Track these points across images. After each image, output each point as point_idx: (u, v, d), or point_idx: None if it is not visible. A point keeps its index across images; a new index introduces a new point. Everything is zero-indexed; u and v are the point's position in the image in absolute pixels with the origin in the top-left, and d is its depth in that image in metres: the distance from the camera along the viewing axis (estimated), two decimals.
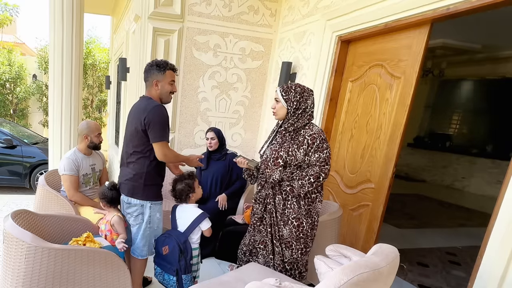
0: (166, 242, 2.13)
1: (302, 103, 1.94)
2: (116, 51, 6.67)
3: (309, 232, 2.02)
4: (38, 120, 10.04)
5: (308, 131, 1.93)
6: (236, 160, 2.19)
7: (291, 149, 1.94)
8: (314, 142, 1.89)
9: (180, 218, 2.20)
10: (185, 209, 2.21)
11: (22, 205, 4.56)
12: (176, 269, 2.05)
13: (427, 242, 4.18)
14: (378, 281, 1.34)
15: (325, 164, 1.89)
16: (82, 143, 2.77)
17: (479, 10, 1.95)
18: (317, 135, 1.90)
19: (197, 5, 3.47)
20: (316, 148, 1.89)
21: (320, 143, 1.89)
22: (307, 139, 1.90)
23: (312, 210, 2.00)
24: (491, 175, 6.56)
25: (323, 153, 1.89)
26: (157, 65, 2.06)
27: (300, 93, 1.94)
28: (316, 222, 2.04)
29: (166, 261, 2.11)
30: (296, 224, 1.98)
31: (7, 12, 12.19)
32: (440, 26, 2.60)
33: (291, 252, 2.04)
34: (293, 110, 1.93)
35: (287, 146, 1.95)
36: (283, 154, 1.95)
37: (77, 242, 2.04)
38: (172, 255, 2.07)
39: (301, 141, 1.92)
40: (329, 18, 2.94)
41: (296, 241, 2.01)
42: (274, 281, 1.39)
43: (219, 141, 3.08)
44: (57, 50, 3.75)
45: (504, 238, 1.68)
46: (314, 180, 1.88)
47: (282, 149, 1.96)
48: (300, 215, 1.97)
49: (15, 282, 1.68)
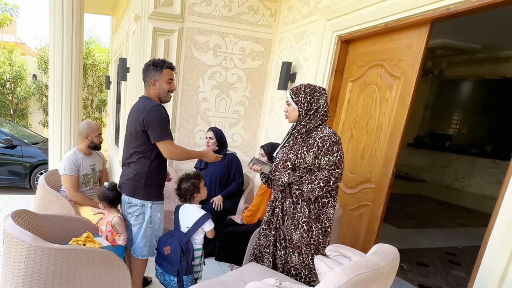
0: (168, 242, 2.12)
1: (314, 103, 1.88)
2: (116, 51, 6.67)
3: (320, 239, 1.94)
4: (38, 120, 10.04)
5: (319, 133, 1.87)
6: (249, 166, 2.08)
7: (300, 152, 1.89)
8: (324, 145, 1.83)
9: (183, 218, 2.20)
10: (188, 209, 2.21)
11: (22, 205, 4.56)
12: (177, 270, 2.05)
13: (427, 242, 4.18)
14: (378, 281, 1.34)
15: (335, 167, 1.82)
16: (83, 143, 2.77)
17: (479, 10, 1.95)
18: (327, 137, 1.83)
19: (197, 5, 3.47)
20: (326, 151, 1.83)
21: (330, 146, 1.82)
22: (318, 141, 1.84)
23: (322, 215, 1.93)
24: (491, 175, 6.57)
25: (333, 156, 1.82)
26: (153, 64, 2.06)
27: (311, 94, 1.88)
28: (328, 229, 1.96)
29: (168, 262, 2.10)
30: (306, 228, 1.93)
31: (7, 12, 12.18)
32: (440, 26, 2.60)
33: (302, 258, 1.97)
34: (305, 112, 1.89)
35: (297, 149, 1.91)
36: (292, 157, 1.90)
37: (77, 242, 2.05)
38: (174, 255, 2.06)
39: (311, 144, 1.87)
40: (329, 18, 2.94)
41: (306, 246, 1.95)
42: (274, 281, 1.39)
43: (218, 141, 3.07)
44: (57, 50, 3.75)
45: (504, 238, 1.68)
46: (324, 184, 1.82)
47: (291, 152, 1.92)
48: (310, 219, 1.92)
49: (15, 282, 1.68)
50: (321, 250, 1.97)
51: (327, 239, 1.97)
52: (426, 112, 8.11)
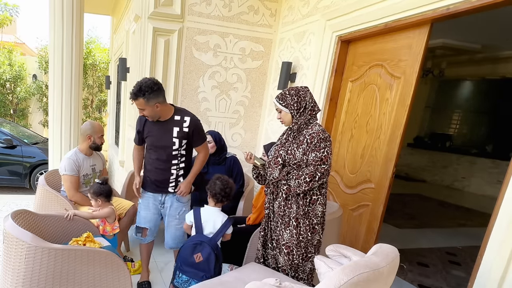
0: (197, 249, 2.06)
1: (302, 101, 1.94)
2: (116, 51, 6.67)
3: (309, 236, 1.97)
4: (38, 120, 10.04)
5: (309, 130, 1.93)
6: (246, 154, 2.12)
7: (290, 148, 1.95)
8: (312, 141, 1.88)
9: (207, 222, 2.14)
10: (211, 212, 2.16)
11: (22, 205, 4.56)
12: (210, 276, 2.00)
13: (427, 242, 4.18)
14: (378, 281, 1.34)
15: (321, 163, 1.86)
16: (84, 143, 2.77)
17: (479, 10, 1.95)
18: (316, 134, 1.89)
19: (197, 5, 3.47)
20: (313, 147, 1.88)
21: (318, 142, 1.87)
22: (307, 138, 1.90)
23: (311, 212, 1.96)
24: (491, 175, 6.57)
25: (320, 152, 1.86)
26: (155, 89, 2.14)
27: (296, 94, 1.95)
28: (316, 226, 1.98)
29: (198, 269, 2.05)
30: (295, 224, 1.96)
31: (7, 12, 12.17)
32: (440, 26, 2.60)
33: (291, 257, 1.99)
34: (296, 111, 1.95)
35: (288, 146, 1.97)
36: (282, 153, 1.97)
37: (77, 242, 2.05)
38: (208, 262, 2.02)
39: (301, 141, 1.93)
40: (329, 18, 2.94)
41: (296, 246, 1.97)
42: (274, 281, 1.39)
43: (217, 145, 3.06)
44: (57, 50, 3.75)
45: (504, 238, 1.68)
46: (310, 179, 1.87)
47: (282, 149, 1.98)
48: (298, 215, 1.95)
49: (15, 282, 1.68)
50: (310, 248, 1.99)
51: (315, 236, 1.99)
52: (426, 112, 8.11)
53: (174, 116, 2.23)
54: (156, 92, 2.09)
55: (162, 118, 2.22)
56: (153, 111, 2.14)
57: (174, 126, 2.22)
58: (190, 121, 2.23)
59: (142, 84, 2.07)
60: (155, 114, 2.17)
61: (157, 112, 2.15)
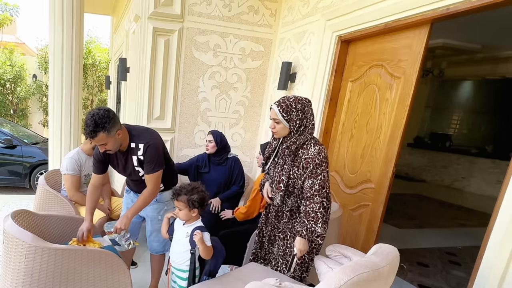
0: None
1: (304, 119, 1.79)
2: (116, 51, 6.67)
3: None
4: (38, 120, 10.05)
5: (305, 152, 1.80)
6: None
7: (292, 172, 1.86)
8: (308, 167, 1.77)
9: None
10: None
11: (22, 205, 4.56)
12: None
13: (427, 242, 4.18)
14: (378, 281, 1.34)
15: (321, 188, 1.76)
16: (88, 144, 2.77)
17: (479, 10, 1.95)
18: (311, 160, 1.76)
19: (197, 5, 3.47)
20: (309, 174, 1.77)
21: (314, 168, 1.76)
22: (303, 162, 1.80)
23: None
24: (491, 175, 6.56)
25: (317, 179, 1.75)
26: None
27: (302, 110, 1.78)
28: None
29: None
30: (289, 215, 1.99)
31: (7, 12, 12.17)
32: (440, 26, 2.60)
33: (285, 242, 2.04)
34: (296, 129, 1.81)
35: (288, 169, 1.87)
36: (284, 178, 1.87)
37: (77, 242, 2.05)
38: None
39: (299, 163, 1.82)
40: (329, 18, 2.94)
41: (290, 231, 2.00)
42: (274, 281, 1.39)
43: (218, 145, 3.05)
44: (57, 50, 3.75)
45: (504, 238, 1.68)
46: (322, 215, 1.76)
47: (283, 173, 1.88)
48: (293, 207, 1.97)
49: (15, 282, 1.68)
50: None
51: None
52: (426, 112, 8.11)
53: (130, 144, 2.04)
54: (113, 119, 1.89)
55: (122, 147, 2.04)
56: (115, 142, 1.94)
57: (132, 155, 2.06)
58: (143, 148, 2.01)
59: (96, 118, 1.84)
60: (118, 144, 1.98)
61: (119, 140, 1.97)
